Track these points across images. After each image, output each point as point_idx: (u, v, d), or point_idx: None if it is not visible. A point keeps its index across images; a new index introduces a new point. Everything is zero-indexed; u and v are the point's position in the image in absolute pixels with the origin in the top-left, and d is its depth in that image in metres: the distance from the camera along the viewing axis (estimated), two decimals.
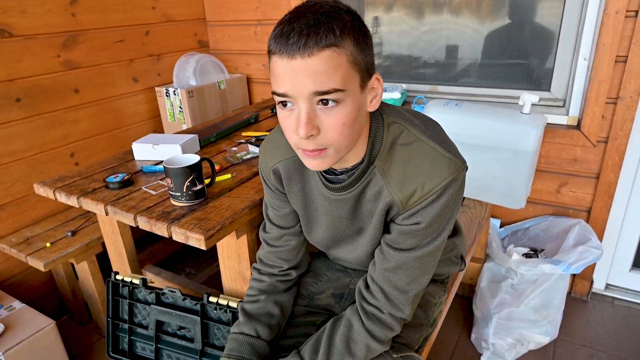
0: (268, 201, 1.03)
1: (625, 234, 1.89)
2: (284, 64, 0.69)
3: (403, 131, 0.83)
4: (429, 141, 0.81)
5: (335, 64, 0.68)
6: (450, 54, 2.07)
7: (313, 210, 0.96)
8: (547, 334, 1.66)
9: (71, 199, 1.26)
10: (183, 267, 2.33)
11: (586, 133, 1.75)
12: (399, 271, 0.86)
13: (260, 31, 2.40)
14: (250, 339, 1.00)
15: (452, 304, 1.99)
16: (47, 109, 1.86)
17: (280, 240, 1.04)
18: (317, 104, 0.71)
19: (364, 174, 0.84)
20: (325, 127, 0.72)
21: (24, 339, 1.48)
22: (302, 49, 0.67)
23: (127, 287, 1.43)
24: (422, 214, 0.81)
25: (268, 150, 0.97)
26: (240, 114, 1.93)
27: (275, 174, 0.96)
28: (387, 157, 0.83)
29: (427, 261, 0.86)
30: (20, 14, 1.71)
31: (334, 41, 0.68)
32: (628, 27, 1.56)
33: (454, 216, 0.85)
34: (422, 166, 0.80)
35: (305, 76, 0.68)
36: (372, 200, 0.86)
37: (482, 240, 1.90)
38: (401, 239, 0.85)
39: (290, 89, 0.70)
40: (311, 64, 0.68)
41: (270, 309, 1.04)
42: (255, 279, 1.09)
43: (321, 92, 0.69)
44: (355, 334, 0.89)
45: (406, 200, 0.81)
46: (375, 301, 0.89)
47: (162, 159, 1.49)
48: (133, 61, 2.18)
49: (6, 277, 1.82)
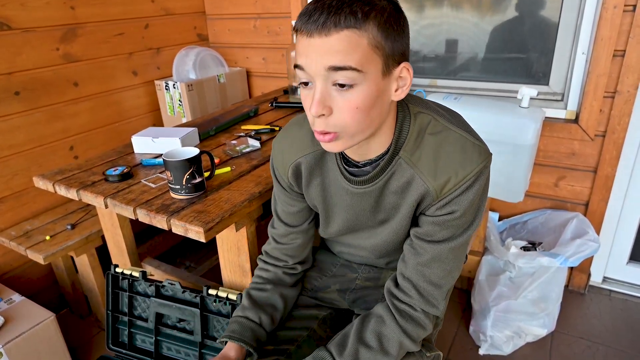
0: (278, 197, 1.02)
1: (623, 227, 1.90)
2: (304, 40, 0.70)
3: (431, 121, 0.82)
4: (458, 130, 0.81)
5: (354, 44, 0.68)
6: (450, 48, 2.07)
7: (332, 206, 0.95)
8: (544, 327, 1.67)
9: (71, 191, 1.26)
10: (183, 260, 2.34)
11: (584, 127, 1.75)
12: (433, 264, 0.85)
13: (259, 24, 2.40)
14: (253, 325, 1.00)
15: (451, 297, 2.00)
16: (47, 102, 1.86)
17: (287, 237, 1.04)
18: (333, 85, 0.71)
19: (389, 165, 0.83)
20: (338, 108, 0.72)
21: (23, 331, 1.48)
22: (320, 28, 0.67)
23: (127, 279, 1.43)
24: (457, 202, 0.80)
25: (285, 145, 0.94)
26: (240, 107, 1.94)
27: (294, 171, 0.94)
28: (414, 147, 0.82)
29: (460, 252, 0.86)
30: (19, 6, 1.71)
31: (354, 23, 0.67)
32: (626, 22, 1.57)
33: (483, 205, 0.85)
34: (454, 154, 0.79)
35: (320, 53, 0.69)
36: (398, 192, 0.85)
37: (481, 234, 1.90)
38: (434, 231, 0.84)
39: (307, 63, 0.70)
40: (328, 42, 0.68)
41: (275, 301, 1.04)
42: (261, 268, 1.08)
43: (336, 67, 0.68)
44: (388, 330, 0.86)
45: (440, 188, 0.80)
46: (408, 298, 0.87)
47: (161, 152, 1.50)
48: (132, 54, 2.18)
49: (6, 270, 1.82)
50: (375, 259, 1.08)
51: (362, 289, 1.11)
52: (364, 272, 1.14)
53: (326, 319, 1.11)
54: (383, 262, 1.09)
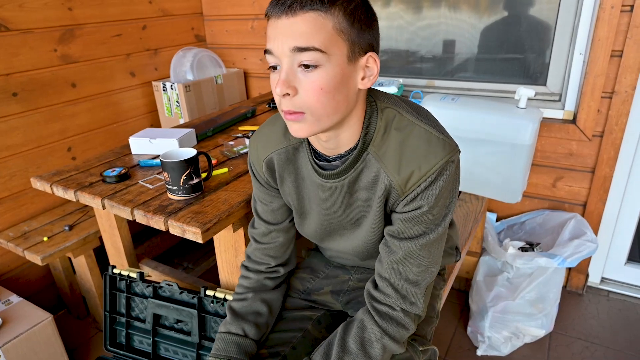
0: (257, 195, 1.02)
1: (621, 228, 1.91)
2: (272, 23, 0.73)
3: (396, 115, 0.83)
4: (422, 124, 0.81)
5: (319, 25, 0.70)
6: (447, 49, 2.08)
7: (306, 201, 0.96)
8: (542, 327, 1.67)
9: (68, 192, 1.26)
10: (180, 261, 2.34)
11: (582, 127, 1.75)
12: (407, 262, 0.85)
13: (257, 25, 2.40)
14: (237, 338, 0.99)
15: (449, 298, 2.00)
16: (44, 104, 1.86)
17: (268, 236, 1.03)
18: (299, 67, 0.72)
19: (358, 160, 0.84)
20: (303, 88, 0.73)
21: (21, 332, 1.48)
22: (287, 9, 0.70)
23: (125, 280, 1.44)
24: (422, 197, 0.80)
25: (260, 143, 0.96)
26: (237, 108, 1.94)
27: (268, 166, 0.95)
28: (381, 142, 0.82)
29: (434, 249, 0.86)
30: (17, 7, 1.71)
31: (320, 6, 0.70)
32: (623, 22, 1.57)
33: (454, 201, 0.85)
34: (417, 149, 0.80)
35: (287, 34, 0.71)
36: (369, 188, 0.86)
37: (479, 234, 1.91)
38: (405, 228, 0.84)
39: (274, 46, 0.73)
40: (293, 23, 0.70)
41: (257, 308, 1.03)
42: (243, 276, 1.07)
43: (300, 47, 0.70)
44: (370, 333, 0.87)
45: (404, 182, 0.81)
46: (387, 298, 0.87)
47: (159, 153, 1.50)
48: (130, 55, 2.18)
49: (4, 271, 1.82)
50: (362, 261, 1.08)
51: (356, 290, 1.10)
52: (356, 273, 1.14)
53: (320, 319, 1.11)
54: (373, 263, 1.08)
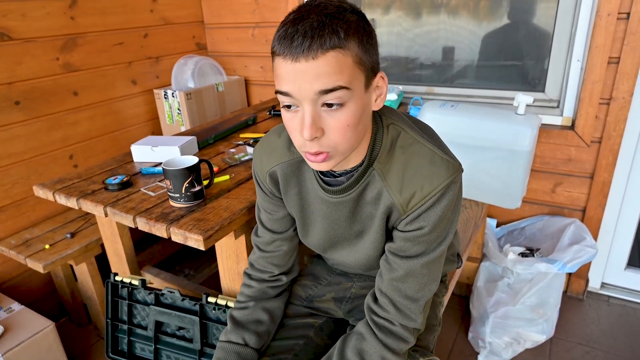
0: (261, 205, 1.01)
1: (620, 233, 1.91)
2: (287, 65, 0.68)
3: (401, 133, 0.82)
4: (427, 143, 0.81)
5: (341, 64, 0.68)
6: (447, 56, 2.09)
7: (310, 214, 0.95)
8: (543, 333, 1.67)
9: (70, 200, 1.27)
10: (182, 268, 2.34)
11: (580, 133, 1.76)
12: (407, 279, 0.85)
13: (258, 33, 2.42)
14: (238, 347, 0.98)
15: (450, 303, 2.00)
16: (47, 112, 1.87)
17: (272, 245, 1.02)
18: (322, 107, 0.70)
19: (363, 176, 0.83)
20: (329, 128, 0.71)
21: (23, 340, 1.49)
22: (306, 51, 0.66)
23: (126, 288, 1.44)
24: (424, 217, 0.79)
25: (264, 154, 0.95)
26: (238, 115, 1.95)
27: (271, 178, 0.94)
28: (386, 159, 0.82)
29: (434, 267, 0.85)
30: (19, 17, 1.72)
31: (338, 43, 0.67)
32: (620, 29, 1.58)
33: (456, 220, 0.84)
34: (420, 169, 0.79)
35: (309, 78, 0.68)
36: (372, 203, 0.85)
37: (479, 240, 1.91)
38: (406, 246, 0.83)
39: (294, 90, 0.69)
40: (315, 66, 0.67)
41: (258, 316, 1.02)
42: (245, 284, 1.07)
43: (326, 90, 0.68)
44: (368, 345, 0.86)
45: (406, 203, 0.80)
46: (386, 313, 0.87)
47: (160, 160, 1.50)
48: (132, 64, 2.20)
49: (5, 279, 1.83)
50: (365, 272, 1.08)
51: (358, 298, 1.10)
52: (359, 281, 1.13)
53: (323, 326, 1.10)
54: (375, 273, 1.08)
